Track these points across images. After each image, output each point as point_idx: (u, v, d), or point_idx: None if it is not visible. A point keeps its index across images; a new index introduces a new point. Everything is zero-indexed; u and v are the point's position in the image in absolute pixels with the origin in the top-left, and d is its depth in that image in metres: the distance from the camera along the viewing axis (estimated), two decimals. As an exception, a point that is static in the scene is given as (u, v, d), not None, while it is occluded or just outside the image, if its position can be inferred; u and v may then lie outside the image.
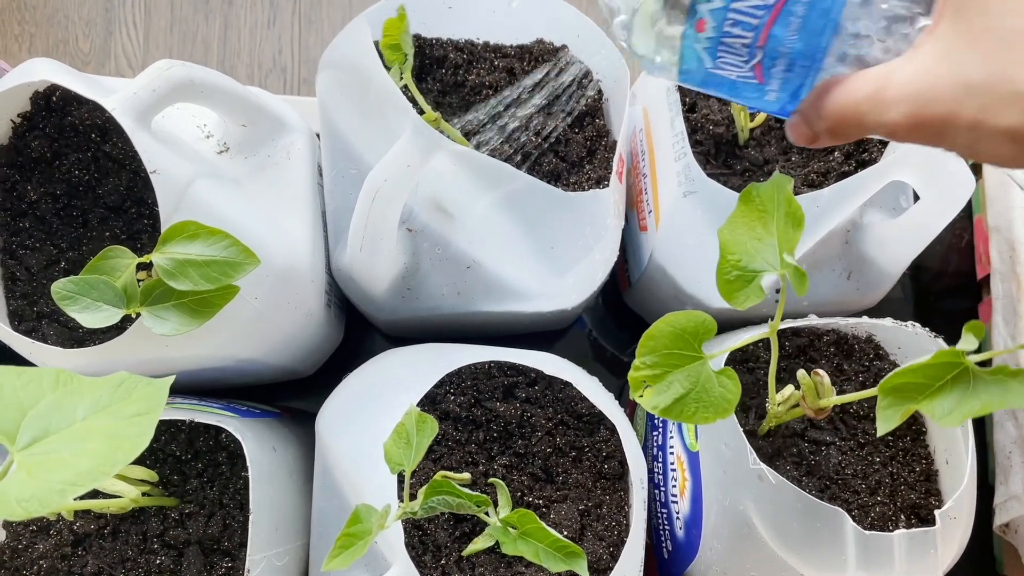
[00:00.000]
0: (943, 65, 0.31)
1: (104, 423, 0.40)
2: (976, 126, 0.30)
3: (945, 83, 0.31)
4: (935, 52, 0.32)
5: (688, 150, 0.65)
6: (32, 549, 0.59)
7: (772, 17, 0.34)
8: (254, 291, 0.59)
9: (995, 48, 0.29)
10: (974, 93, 0.30)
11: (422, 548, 0.57)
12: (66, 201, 0.61)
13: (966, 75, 0.30)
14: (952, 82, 0.30)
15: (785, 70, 0.36)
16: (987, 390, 0.47)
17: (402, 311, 0.68)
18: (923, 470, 0.64)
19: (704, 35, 0.36)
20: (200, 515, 0.60)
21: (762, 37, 0.34)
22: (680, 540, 0.65)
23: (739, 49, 0.35)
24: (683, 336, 0.49)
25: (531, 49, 0.72)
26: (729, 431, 0.57)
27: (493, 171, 0.59)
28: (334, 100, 0.65)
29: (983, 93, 0.30)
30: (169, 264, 0.51)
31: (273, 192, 0.64)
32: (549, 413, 0.63)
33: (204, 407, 0.63)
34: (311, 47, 1.04)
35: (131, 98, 0.53)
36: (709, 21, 0.35)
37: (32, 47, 1.03)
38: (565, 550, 0.48)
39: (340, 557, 0.45)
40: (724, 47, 0.36)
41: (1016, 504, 0.77)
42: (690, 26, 0.36)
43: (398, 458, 0.47)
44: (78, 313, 0.50)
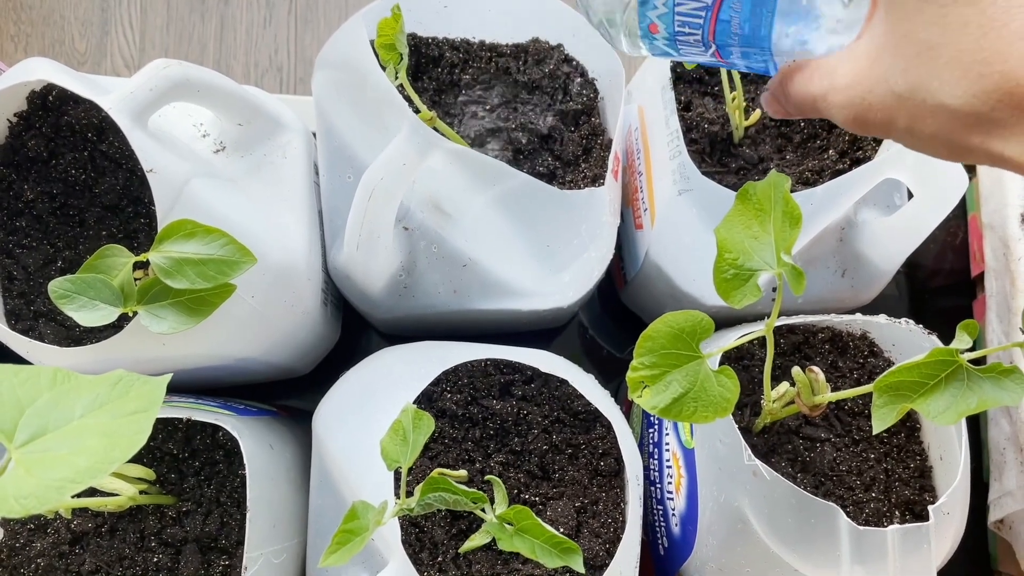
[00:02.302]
0: (874, 71, 0.32)
1: (101, 421, 0.40)
2: (910, 131, 0.32)
3: (879, 92, 0.32)
4: (867, 55, 0.33)
5: (683, 148, 0.65)
6: (30, 547, 0.59)
7: (713, 15, 0.36)
8: (251, 290, 0.59)
9: (913, 59, 0.30)
10: (903, 103, 0.31)
11: (419, 545, 0.57)
12: (63, 200, 0.62)
13: (892, 84, 0.31)
14: (883, 90, 0.32)
15: (742, 56, 0.37)
16: (981, 388, 0.47)
17: (398, 309, 0.68)
18: (917, 466, 0.65)
19: (660, 35, 0.38)
20: (197, 513, 0.60)
21: (710, 33, 0.36)
22: (676, 537, 0.65)
23: (695, 42, 0.38)
24: (681, 336, 0.49)
25: (527, 48, 0.72)
26: (724, 428, 0.57)
27: (489, 169, 0.59)
28: (330, 99, 0.65)
29: (909, 104, 0.31)
30: (166, 263, 0.51)
31: (269, 191, 0.64)
32: (545, 411, 0.63)
33: (201, 405, 0.63)
34: (307, 46, 1.04)
35: (127, 97, 0.53)
36: (660, 25, 0.37)
37: (28, 47, 1.03)
38: (561, 546, 0.48)
39: (337, 553, 0.46)
40: (681, 42, 0.38)
41: (1010, 500, 0.77)
42: (644, 30, 0.38)
43: (395, 455, 0.47)
44: (75, 312, 0.50)
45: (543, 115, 0.69)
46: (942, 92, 0.30)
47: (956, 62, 0.29)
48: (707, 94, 0.73)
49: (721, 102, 0.71)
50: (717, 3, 0.35)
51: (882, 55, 0.32)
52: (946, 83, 0.29)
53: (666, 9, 0.36)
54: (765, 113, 0.70)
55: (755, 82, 0.73)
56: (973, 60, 0.28)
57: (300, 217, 0.66)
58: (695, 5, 0.36)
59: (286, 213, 0.65)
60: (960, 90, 0.29)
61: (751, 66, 0.38)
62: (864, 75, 0.32)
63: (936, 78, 0.30)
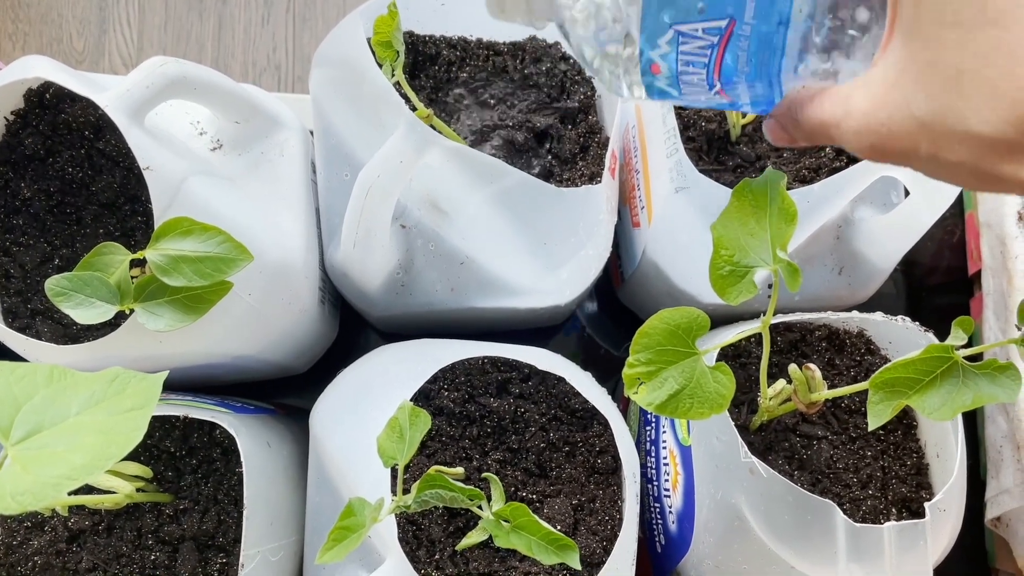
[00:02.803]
0: (894, 97, 0.31)
1: (98, 418, 0.40)
2: (933, 159, 0.31)
3: (899, 118, 0.31)
4: (885, 81, 0.31)
5: (680, 146, 0.65)
6: (27, 545, 0.59)
7: (720, 54, 0.35)
8: (248, 287, 0.59)
9: (939, 86, 0.29)
10: (926, 130, 0.30)
11: (416, 543, 0.58)
12: (60, 198, 0.62)
13: (916, 112, 0.30)
14: (905, 117, 0.30)
15: (749, 91, 0.36)
16: (976, 384, 0.47)
17: (396, 307, 0.68)
18: (914, 464, 0.65)
19: (663, 75, 0.37)
20: (195, 511, 0.60)
21: (715, 72, 0.35)
22: (673, 534, 0.66)
23: (699, 82, 0.36)
24: (676, 332, 0.49)
25: (524, 46, 0.72)
26: (721, 425, 0.57)
27: (486, 167, 0.59)
28: (327, 97, 0.65)
29: (934, 131, 0.30)
30: (163, 260, 0.51)
31: (267, 189, 0.64)
32: (542, 408, 0.63)
33: (198, 403, 0.63)
34: (305, 45, 1.04)
35: (124, 95, 0.53)
36: (662, 66, 0.36)
37: (26, 45, 1.03)
38: (557, 543, 0.48)
39: (334, 550, 0.46)
40: (685, 82, 0.36)
41: (1007, 498, 0.77)
42: (645, 68, 0.37)
43: (391, 452, 0.47)
44: (72, 309, 0.50)
45: (540, 113, 0.69)
46: (971, 119, 0.28)
47: (986, 87, 0.28)
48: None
49: (718, 100, 0.71)
50: (724, 39, 0.34)
51: (902, 81, 0.30)
52: (975, 109, 0.28)
53: (670, 48, 0.35)
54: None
55: (752, 80, 0.73)
56: (1006, 86, 0.27)
57: (297, 215, 0.66)
58: (700, 43, 0.35)
59: (283, 211, 0.65)
60: (991, 116, 0.28)
61: (755, 102, 0.37)
62: (883, 101, 0.31)
63: (964, 104, 0.28)
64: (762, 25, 0.33)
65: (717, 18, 0.34)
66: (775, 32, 0.33)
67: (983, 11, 0.27)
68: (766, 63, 0.34)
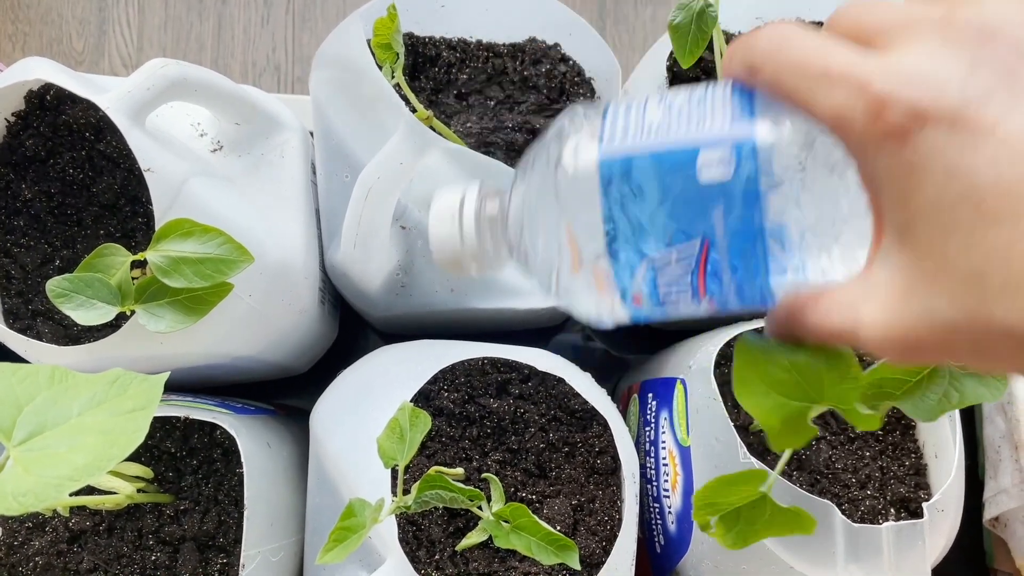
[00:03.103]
0: (913, 306, 0.28)
1: (99, 419, 0.40)
2: (979, 356, 0.28)
3: (925, 327, 0.28)
4: (894, 287, 0.29)
5: (679, 148, 0.65)
6: (28, 545, 0.60)
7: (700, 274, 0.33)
8: (248, 288, 0.59)
9: (960, 290, 0.27)
10: (961, 335, 0.28)
11: (416, 543, 0.58)
12: (60, 199, 0.62)
13: (943, 318, 0.28)
14: (931, 325, 0.28)
15: (739, 298, 0.34)
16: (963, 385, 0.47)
17: (396, 308, 0.68)
18: (912, 464, 0.65)
19: (645, 304, 0.35)
20: (195, 511, 0.60)
21: (700, 289, 0.34)
22: (672, 534, 0.66)
23: (685, 301, 0.35)
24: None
25: (523, 47, 0.72)
26: (720, 426, 0.57)
27: (486, 169, 0.60)
28: (327, 99, 0.65)
29: (971, 334, 0.27)
30: (163, 262, 0.51)
31: (267, 190, 0.65)
32: (542, 409, 0.63)
33: (199, 404, 0.63)
34: (305, 45, 1.04)
35: (125, 97, 0.53)
36: (644, 295, 0.35)
37: (26, 46, 1.03)
38: (557, 543, 0.48)
39: (335, 550, 0.46)
40: (669, 304, 0.35)
41: (1005, 498, 0.78)
42: (629, 303, 0.35)
43: (391, 452, 0.47)
44: (73, 311, 0.51)
45: (540, 114, 0.70)
46: (1009, 318, 0.26)
47: (1015, 286, 0.25)
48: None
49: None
50: (701, 261, 0.33)
51: (916, 287, 0.28)
52: (1011, 309, 0.26)
53: (647, 279, 0.34)
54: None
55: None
56: None
57: (297, 216, 0.66)
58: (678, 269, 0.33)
59: (283, 212, 0.65)
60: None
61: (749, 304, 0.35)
62: (900, 310, 0.29)
63: (996, 305, 0.26)
64: (736, 239, 0.32)
65: (689, 244, 0.32)
66: (752, 243, 0.32)
67: (981, 210, 0.26)
68: (750, 273, 0.33)
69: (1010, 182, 0.25)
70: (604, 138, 0.34)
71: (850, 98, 0.28)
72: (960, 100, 0.26)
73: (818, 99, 0.29)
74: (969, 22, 0.27)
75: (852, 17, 0.31)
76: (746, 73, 0.32)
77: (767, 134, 0.31)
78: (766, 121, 0.31)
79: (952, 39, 0.28)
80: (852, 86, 0.28)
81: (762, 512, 0.44)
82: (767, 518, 0.44)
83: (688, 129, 0.32)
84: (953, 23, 0.28)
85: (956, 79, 0.27)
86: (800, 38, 0.30)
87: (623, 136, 0.33)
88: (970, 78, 0.26)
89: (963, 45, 0.27)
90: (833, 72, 0.29)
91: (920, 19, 0.29)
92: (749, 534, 0.44)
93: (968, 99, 0.26)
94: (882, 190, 0.29)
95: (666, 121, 0.33)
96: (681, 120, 0.33)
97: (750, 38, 0.32)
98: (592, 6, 1.03)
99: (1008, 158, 0.25)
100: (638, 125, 0.33)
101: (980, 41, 0.27)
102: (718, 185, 0.31)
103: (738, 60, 0.32)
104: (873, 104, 0.27)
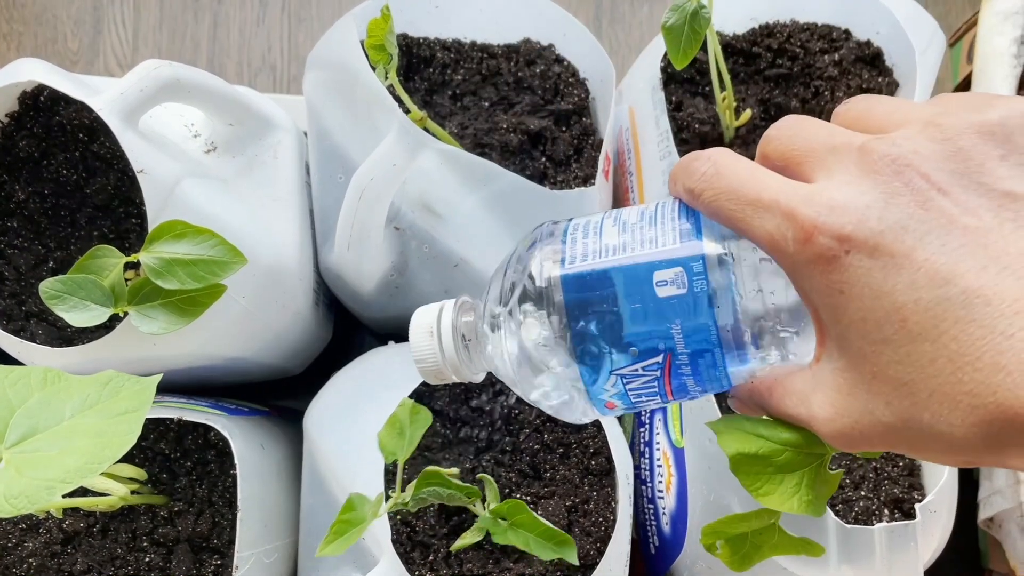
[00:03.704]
0: (854, 404, 0.31)
1: (92, 421, 0.40)
2: (915, 453, 0.31)
3: (866, 424, 0.30)
4: (837, 386, 0.31)
5: (673, 149, 0.65)
6: (22, 547, 0.60)
7: (667, 380, 0.36)
8: (242, 290, 0.59)
9: (892, 394, 0.29)
10: (899, 434, 0.30)
11: (410, 544, 0.58)
12: (54, 201, 0.62)
13: (882, 419, 0.30)
14: (872, 423, 0.30)
15: (702, 392, 0.37)
16: None
17: (390, 309, 0.68)
18: (906, 464, 0.65)
19: (618, 408, 0.38)
20: (189, 513, 0.60)
21: (667, 391, 0.36)
22: (666, 535, 0.66)
23: (654, 400, 0.37)
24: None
25: (518, 48, 0.72)
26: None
27: (480, 170, 0.60)
28: (321, 99, 0.65)
29: (904, 433, 0.29)
30: (156, 263, 0.51)
31: (260, 191, 0.65)
32: (536, 410, 0.63)
33: (192, 405, 0.63)
34: (300, 45, 1.04)
35: (118, 98, 0.53)
36: (616, 402, 0.37)
37: (20, 46, 1.03)
38: (556, 539, 0.48)
39: (335, 543, 0.46)
40: (640, 405, 0.38)
41: (999, 499, 0.78)
42: (602, 408, 0.38)
43: (392, 447, 0.48)
44: (66, 312, 0.51)
45: (534, 115, 0.70)
46: (937, 424, 0.28)
47: (940, 395, 0.28)
48: (698, 94, 0.73)
49: (712, 102, 0.72)
50: (666, 370, 0.35)
51: (856, 389, 0.30)
52: (938, 416, 0.28)
53: (617, 390, 0.36)
54: (756, 114, 0.70)
55: (745, 83, 0.73)
56: (958, 392, 0.27)
57: (291, 217, 0.66)
58: (645, 378, 0.36)
59: (277, 213, 0.65)
60: (956, 420, 0.27)
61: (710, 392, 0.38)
62: (844, 409, 0.31)
63: (926, 411, 0.28)
64: (697, 349, 0.34)
65: (652, 356, 0.35)
66: (711, 350, 0.34)
67: (904, 328, 0.28)
68: (711, 374, 0.35)
69: (928, 303, 0.27)
70: (565, 261, 0.36)
71: (780, 225, 0.31)
72: (879, 228, 0.28)
73: (752, 224, 0.32)
74: (886, 154, 0.29)
75: (782, 144, 0.34)
76: (688, 197, 0.35)
77: (712, 250, 0.34)
78: (712, 239, 0.34)
79: (870, 169, 0.30)
80: (782, 213, 0.31)
81: (770, 537, 0.44)
82: (774, 542, 0.45)
83: (642, 248, 0.35)
84: (870, 153, 0.30)
85: (875, 207, 0.29)
86: (733, 166, 0.33)
87: (583, 258, 0.36)
88: (887, 208, 0.29)
89: (880, 174, 0.29)
90: (764, 200, 0.31)
91: (841, 145, 0.31)
92: (755, 556, 0.45)
93: (887, 227, 0.28)
94: (817, 305, 0.31)
95: (621, 240, 0.36)
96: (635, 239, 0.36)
97: (690, 162, 0.35)
98: (588, 5, 1.03)
99: (925, 282, 0.28)
100: (596, 246, 0.36)
101: (895, 172, 0.29)
102: (675, 299, 0.34)
103: (680, 184, 0.35)
104: (801, 231, 0.30)
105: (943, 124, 0.30)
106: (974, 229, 0.28)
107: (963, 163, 0.29)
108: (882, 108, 0.33)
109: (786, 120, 0.34)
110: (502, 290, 0.39)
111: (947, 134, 0.29)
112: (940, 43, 0.67)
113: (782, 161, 0.33)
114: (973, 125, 0.29)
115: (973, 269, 0.27)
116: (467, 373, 0.43)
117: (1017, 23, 0.79)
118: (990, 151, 0.29)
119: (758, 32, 0.73)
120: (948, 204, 0.28)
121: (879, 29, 0.71)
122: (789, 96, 0.71)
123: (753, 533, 0.44)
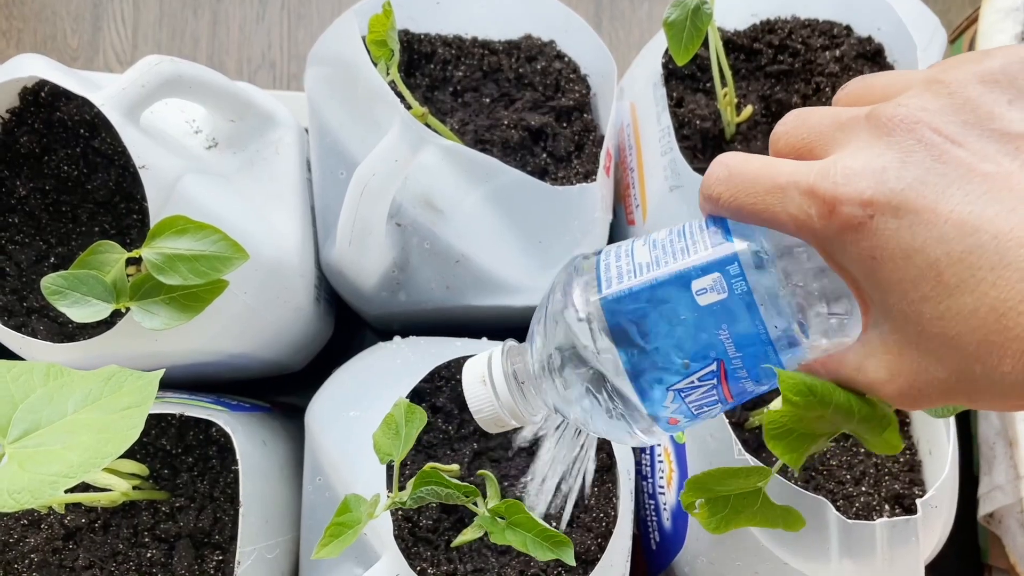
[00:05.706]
0: (906, 365, 0.31)
1: (94, 416, 0.40)
2: (974, 403, 0.31)
3: (923, 383, 0.31)
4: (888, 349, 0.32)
5: (674, 144, 0.65)
6: (24, 543, 0.60)
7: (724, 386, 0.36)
8: (243, 286, 0.59)
9: (941, 349, 0.29)
10: (956, 389, 0.30)
11: (411, 540, 0.58)
12: (55, 196, 0.62)
13: (937, 376, 0.30)
14: (928, 381, 0.30)
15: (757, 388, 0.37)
16: None
17: (391, 305, 0.68)
18: (907, 460, 0.65)
19: (681, 423, 0.38)
20: (191, 509, 0.60)
21: (727, 396, 0.36)
22: (667, 531, 0.66)
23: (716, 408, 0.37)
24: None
25: (519, 44, 0.72)
26: (715, 423, 0.57)
27: (481, 166, 0.60)
28: (322, 96, 0.65)
29: (960, 386, 0.30)
30: (158, 259, 0.51)
31: (262, 187, 0.65)
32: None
33: (194, 401, 0.63)
34: (300, 42, 1.04)
35: (119, 94, 0.53)
36: (679, 417, 0.37)
37: (20, 42, 1.03)
38: (553, 539, 0.48)
39: (330, 546, 0.46)
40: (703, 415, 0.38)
41: (1000, 494, 0.78)
42: (666, 426, 0.38)
43: (387, 448, 0.47)
44: (68, 308, 0.50)
45: (535, 111, 0.70)
46: (990, 374, 0.28)
47: (988, 345, 0.28)
48: (699, 90, 0.73)
49: (713, 98, 0.72)
50: (722, 377, 0.35)
51: (906, 350, 0.31)
52: (990, 366, 0.28)
53: (677, 405, 0.36)
54: (757, 110, 0.70)
55: (746, 79, 0.73)
56: (1004, 340, 0.27)
57: (293, 213, 0.66)
58: (703, 388, 0.36)
59: (279, 209, 0.65)
60: (1007, 368, 0.27)
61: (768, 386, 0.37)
62: (898, 368, 0.31)
63: (976, 363, 0.28)
64: (749, 350, 0.34)
65: (707, 366, 0.35)
66: (764, 348, 0.34)
67: (941, 283, 0.28)
68: (767, 371, 0.35)
69: (960, 253, 0.27)
70: (602, 286, 0.36)
71: (802, 204, 0.31)
72: (899, 187, 0.29)
73: (775, 211, 0.32)
74: (893, 115, 0.30)
75: (790, 135, 0.34)
76: (710, 205, 0.35)
77: (745, 249, 0.34)
78: (742, 239, 0.34)
79: (881, 132, 0.30)
80: (801, 192, 0.31)
81: (752, 503, 0.44)
82: (756, 509, 0.45)
83: (676, 261, 0.35)
84: (879, 118, 0.30)
85: (892, 167, 0.29)
86: (745, 163, 0.34)
87: (618, 279, 0.36)
88: (904, 166, 0.29)
89: (892, 135, 0.30)
90: (781, 184, 0.32)
91: (848, 120, 0.32)
92: (733, 521, 0.45)
93: (906, 185, 0.28)
94: (853, 275, 0.31)
95: (653, 256, 0.36)
96: (667, 253, 0.36)
97: (706, 175, 0.35)
98: (589, 3, 1.03)
99: (954, 233, 0.28)
100: (629, 266, 0.36)
101: (906, 130, 0.29)
102: (717, 304, 0.34)
103: (701, 197, 0.36)
104: (823, 204, 0.30)
105: (945, 79, 0.30)
106: (994, 175, 0.28)
107: (972, 113, 0.29)
108: (881, 81, 0.33)
109: (790, 114, 0.35)
110: (546, 327, 0.39)
111: (952, 88, 0.29)
112: (941, 39, 0.67)
113: (793, 151, 0.34)
114: (976, 75, 0.29)
115: (1001, 213, 0.27)
116: (525, 415, 0.43)
117: (1018, 19, 0.79)
118: (997, 97, 0.29)
119: (759, 28, 0.73)
120: (965, 154, 0.28)
121: (880, 25, 0.71)
122: (790, 92, 0.71)
123: (736, 497, 0.45)
